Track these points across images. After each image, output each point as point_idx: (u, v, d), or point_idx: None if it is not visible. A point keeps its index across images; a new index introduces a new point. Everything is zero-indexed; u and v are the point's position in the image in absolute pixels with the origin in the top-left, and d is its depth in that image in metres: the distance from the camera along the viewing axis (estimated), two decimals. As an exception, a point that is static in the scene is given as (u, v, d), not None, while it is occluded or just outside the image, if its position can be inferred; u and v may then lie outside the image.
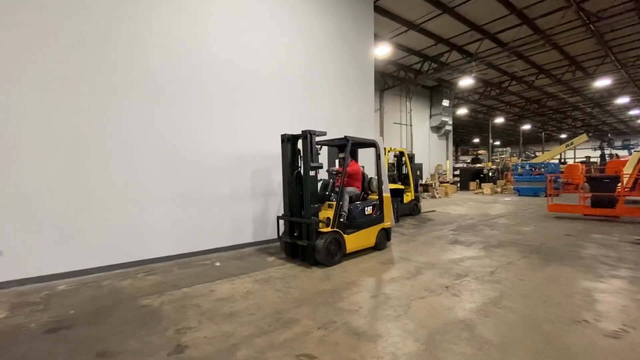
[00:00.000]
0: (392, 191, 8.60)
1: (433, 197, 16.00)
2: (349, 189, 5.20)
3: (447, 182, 18.60)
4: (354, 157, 5.92)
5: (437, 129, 20.52)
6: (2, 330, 2.86)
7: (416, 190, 10.14)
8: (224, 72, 5.65)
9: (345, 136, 4.96)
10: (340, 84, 7.52)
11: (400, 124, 18.30)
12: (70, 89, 4.29)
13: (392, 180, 9.53)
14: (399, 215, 8.77)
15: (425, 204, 12.37)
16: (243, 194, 5.91)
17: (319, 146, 5.32)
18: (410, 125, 18.74)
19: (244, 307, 3.30)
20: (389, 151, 9.80)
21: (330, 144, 5.58)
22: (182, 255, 5.18)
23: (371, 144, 5.60)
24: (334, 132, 7.37)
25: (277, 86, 6.37)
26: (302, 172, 4.74)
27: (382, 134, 17.07)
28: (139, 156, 4.80)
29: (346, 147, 4.89)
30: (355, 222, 5.04)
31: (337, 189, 4.94)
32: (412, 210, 9.73)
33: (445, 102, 19.72)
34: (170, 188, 5.08)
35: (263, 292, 3.68)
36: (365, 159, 7.30)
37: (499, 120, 27.20)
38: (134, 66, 4.76)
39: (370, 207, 5.31)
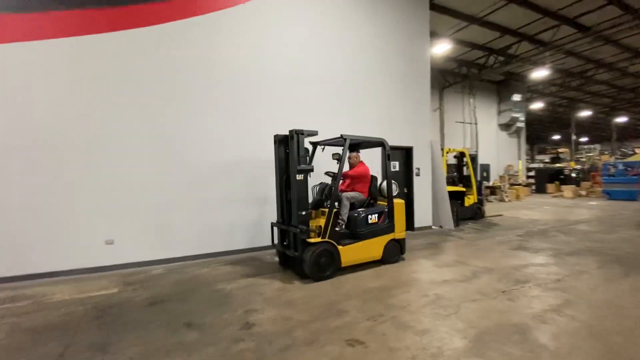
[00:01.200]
0: (452, 194, 8.35)
1: (502, 200, 14.84)
2: (350, 194, 4.69)
3: (519, 184, 17.04)
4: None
5: (506, 126, 18.91)
6: (117, 302, 3.64)
7: (479, 193, 9.61)
8: (281, 83, 6.17)
9: (341, 135, 4.43)
10: (392, 84, 7.54)
11: (463, 122, 17.33)
12: (159, 107, 5.18)
13: (451, 182, 9.20)
14: (459, 219, 8.43)
15: (491, 208, 11.58)
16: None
17: (322, 147, 5.00)
18: (475, 124, 17.60)
19: (299, 297, 3.66)
20: (447, 152, 9.47)
21: (331, 143, 4.97)
22: (252, 249, 5.79)
23: (379, 143, 4.97)
24: (385, 134, 7.45)
25: (325, 89, 6.66)
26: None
27: (442, 134, 16.41)
28: (208, 163, 5.52)
29: (344, 148, 4.44)
30: (355, 232, 4.53)
31: (338, 194, 4.48)
32: (474, 214, 9.25)
33: (516, 97, 18.10)
34: (238, 191, 5.73)
35: (317, 286, 4.02)
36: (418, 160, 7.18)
37: (585, 113, 23.91)
38: (207, 87, 5.52)
39: (376, 214, 4.73)
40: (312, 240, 4.11)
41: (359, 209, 4.69)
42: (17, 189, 4.37)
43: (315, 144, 5.04)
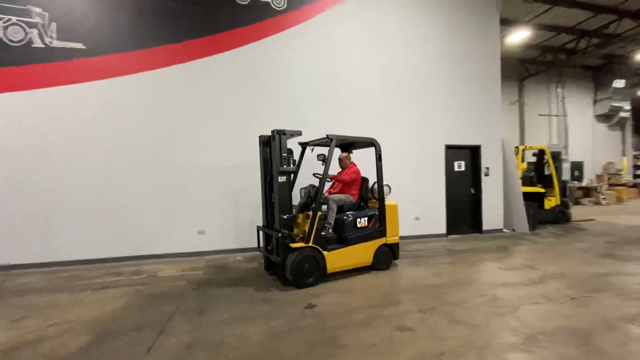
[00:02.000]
0: (528, 195, 7.74)
1: (597, 203, 12.95)
2: (338, 196, 4.49)
3: (623, 185, 14.57)
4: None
5: (605, 117, 16.34)
6: (207, 280, 4.46)
7: (563, 195, 8.66)
8: (345, 89, 6.57)
9: (327, 135, 4.29)
10: (456, 80, 7.30)
11: (549, 115, 15.53)
12: (249, 114, 6.04)
13: (529, 182, 8.48)
14: (537, 223, 7.76)
15: (582, 212, 10.28)
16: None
17: (312, 148, 4.81)
18: (564, 116, 15.59)
19: (358, 286, 4.01)
20: (523, 149, 8.75)
21: (319, 144, 4.73)
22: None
23: (369, 143, 4.72)
24: (446, 133, 7.28)
25: (381, 92, 6.84)
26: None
27: (522, 129, 14.95)
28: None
29: (330, 148, 4.22)
30: (342, 237, 4.36)
31: (322, 197, 4.27)
32: (556, 218, 8.39)
33: (618, 83, 15.50)
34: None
35: (376, 278, 4.32)
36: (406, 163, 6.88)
37: None
38: (279, 97, 6.21)
39: (366, 218, 4.53)
40: (295, 245, 3.95)
41: (348, 212, 4.51)
42: (142, 191, 5.60)
43: (304, 145, 4.92)
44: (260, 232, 4.67)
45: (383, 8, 6.83)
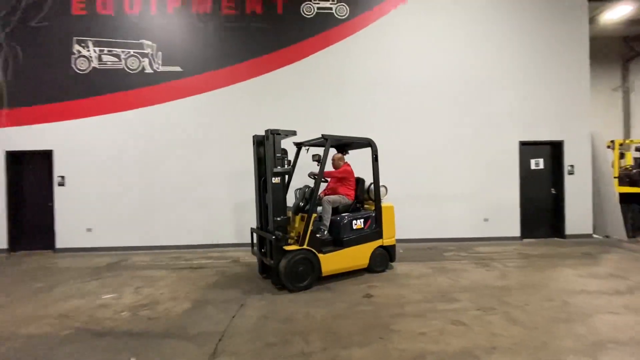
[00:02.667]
0: (627, 196, 6.73)
1: None
2: (333, 197, 4.44)
3: None
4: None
5: None
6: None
7: (677, 196, 7.27)
8: (406, 89, 6.63)
9: (322, 135, 4.26)
10: (532, 69, 6.71)
11: (665, 101, 12.92)
12: (314, 118, 6.59)
13: (628, 182, 7.34)
14: (636, 228, 6.72)
15: None
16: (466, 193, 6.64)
17: (307, 148, 4.78)
18: (686, 102, 12.80)
19: (416, 283, 4.15)
20: (620, 144, 7.58)
21: (315, 144, 4.67)
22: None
23: (365, 143, 4.64)
24: (520, 129, 6.79)
25: (445, 91, 6.66)
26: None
27: (626, 120, 12.73)
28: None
29: (325, 148, 4.18)
30: (338, 239, 4.30)
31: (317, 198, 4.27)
32: (668, 223, 7.10)
33: None
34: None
35: (434, 277, 4.39)
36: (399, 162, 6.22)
37: None
38: (339, 102, 6.59)
39: (362, 220, 4.46)
40: (289, 247, 3.92)
41: (343, 214, 4.47)
42: (225, 188, 6.55)
43: (299, 145, 4.92)
44: (254, 234, 4.66)
45: (446, 5, 6.69)
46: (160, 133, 6.50)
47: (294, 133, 4.22)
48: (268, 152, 4.01)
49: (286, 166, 4.10)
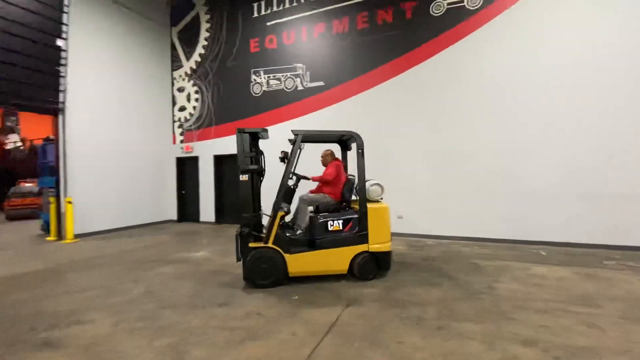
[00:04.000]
0: None
1: None
2: (311, 196, 4.32)
3: None
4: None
5: None
6: (405, 254, 5.60)
7: None
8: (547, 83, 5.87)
9: (292, 130, 4.23)
10: None
11: None
12: (438, 114, 6.78)
13: None
14: None
15: None
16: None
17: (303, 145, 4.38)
18: None
19: (551, 284, 3.93)
20: None
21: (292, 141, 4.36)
22: (511, 240, 6.18)
23: (342, 137, 4.46)
24: None
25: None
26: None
27: None
28: (481, 159, 6.43)
29: (294, 145, 4.18)
30: (311, 239, 4.09)
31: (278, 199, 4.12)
32: None
33: None
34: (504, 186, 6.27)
35: (576, 281, 4.01)
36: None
37: None
38: (474, 94, 6.46)
39: (340, 221, 4.13)
40: (253, 244, 3.96)
41: (321, 214, 4.21)
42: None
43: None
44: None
45: None
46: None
47: (262, 131, 4.32)
48: (238, 150, 4.19)
49: (259, 165, 4.37)
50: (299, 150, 4.27)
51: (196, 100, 9.68)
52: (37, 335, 2.82)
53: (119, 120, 8.46)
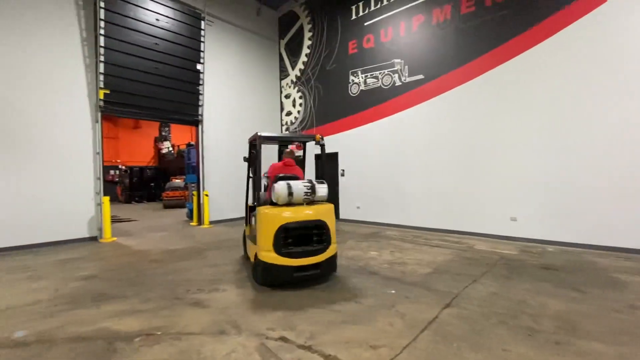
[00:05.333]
0: None
1: None
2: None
3: None
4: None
5: None
6: (517, 260, 5.02)
7: None
8: None
9: (257, 133, 4.28)
10: None
11: None
12: (552, 102, 5.80)
13: None
14: None
15: None
16: None
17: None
18: None
19: None
20: None
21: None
22: (674, 254, 4.85)
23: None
24: None
25: None
26: None
27: None
28: (610, 151, 5.24)
29: (256, 148, 4.21)
30: None
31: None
32: None
33: None
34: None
35: None
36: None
37: None
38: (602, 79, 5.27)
39: None
40: None
41: None
42: (464, 179, 7.08)
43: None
44: None
45: None
46: (405, 132, 7.91)
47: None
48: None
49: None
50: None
51: (300, 105, 10.60)
52: (190, 296, 3.71)
53: (239, 127, 9.95)
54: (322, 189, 4.03)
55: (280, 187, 3.82)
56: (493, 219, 6.58)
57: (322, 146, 4.41)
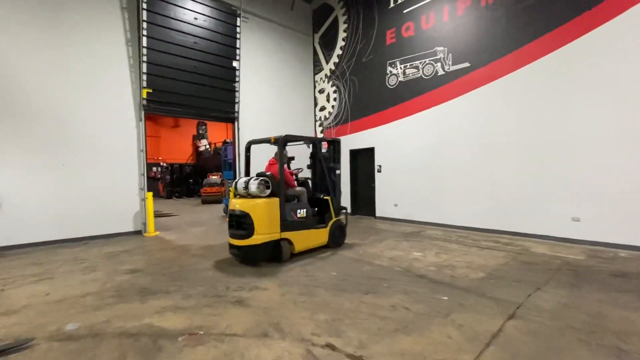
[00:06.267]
0: None
1: None
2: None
3: None
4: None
5: None
6: (584, 265, 4.45)
7: None
8: None
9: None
10: None
11: None
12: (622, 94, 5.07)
13: None
14: None
15: None
16: None
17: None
18: None
19: None
20: None
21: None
22: None
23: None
24: None
25: None
26: None
27: None
28: None
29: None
30: None
31: None
32: None
33: None
34: None
35: None
36: None
37: None
38: None
39: None
40: None
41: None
42: (517, 177, 6.49)
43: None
44: None
45: None
46: (449, 125, 7.40)
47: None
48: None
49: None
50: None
51: (334, 99, 10.36)
52: (231, 293, 3.64)
53: (272, 123, 9.92)
54: (253, 186, 4.67)
55: (237, 182, 5.01)
56: (552, 219, 5.95)
57: (278, 144, 4.97)
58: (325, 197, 5.56)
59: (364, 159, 9.55)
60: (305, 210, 5.13)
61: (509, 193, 6.47)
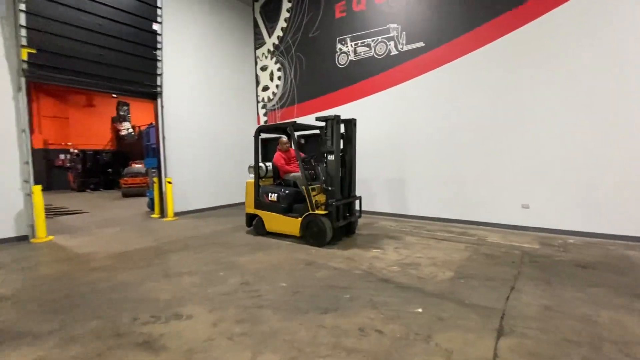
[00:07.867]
0: None
1: None
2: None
3: None
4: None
5: None
6: (543, 255, 4.30)
7: None
8: None
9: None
10: None
11: None
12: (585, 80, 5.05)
13: None
14: None
15: None
16: None
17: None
18: None
19: None
20: None
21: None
22: None
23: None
24: None
25: None
26: None
27: None
28: None
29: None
30: None
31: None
32: None
33: None
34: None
35: None
36: None
37: None
38: None
39: None
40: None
41: None
42: (472, 165, 6.27)
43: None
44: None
45: None
46: (404, 108, 6.94)
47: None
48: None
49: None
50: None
51: (279, 78, 9.31)
52: (138, 329, 2.58)
53: (206, 102, 8.56)
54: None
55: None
56: (503, 207, 5.87)
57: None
58: (299, 188, 5.28)
59: (313, 147, 8.74)
60: (276, 195, 5.37)
61: (459, 180, 6.28)
